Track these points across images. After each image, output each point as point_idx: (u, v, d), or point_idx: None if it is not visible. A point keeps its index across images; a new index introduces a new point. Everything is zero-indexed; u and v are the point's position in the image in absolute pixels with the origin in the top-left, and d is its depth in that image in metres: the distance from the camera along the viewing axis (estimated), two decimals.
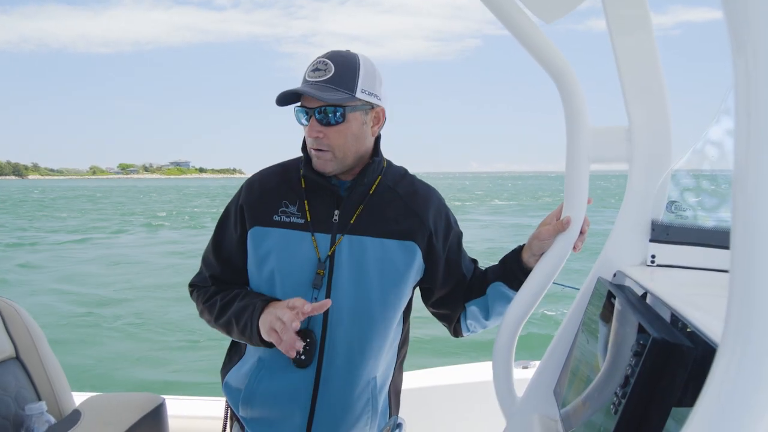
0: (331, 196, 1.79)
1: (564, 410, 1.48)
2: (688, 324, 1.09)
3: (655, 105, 1.62)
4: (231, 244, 1.84)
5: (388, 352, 1.88)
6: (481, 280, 1.90)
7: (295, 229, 1.77)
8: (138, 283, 15.58)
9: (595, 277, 1.68)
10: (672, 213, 1.65)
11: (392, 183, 1.88)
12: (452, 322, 1.96)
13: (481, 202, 54.77)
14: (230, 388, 1.90)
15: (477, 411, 2.87)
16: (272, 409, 1.80)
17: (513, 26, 1.53)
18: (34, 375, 2.11)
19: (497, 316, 1.87)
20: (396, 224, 1.81)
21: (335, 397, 1.79)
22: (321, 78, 1.68)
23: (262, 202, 1.80)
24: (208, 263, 1.91)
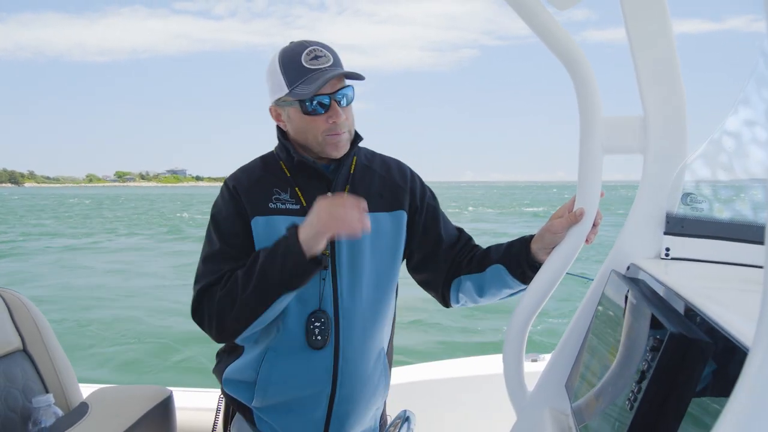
0: (321, 179, 1.82)
1: (576, 404, 1.46)
2: (705, 318, 1.07)
3: (671, 94, 1.59)
4: (238, 237, 1.79)
5: (388, 320, 1.94)
6: (481, 256, 1.91)
7: (294, 215, 1.77)
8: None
9: (608, 270, 1.65)
10: (687, 205, 1.62)
11: (366, 162, 1.95)
12: (438, 288, 1.97)
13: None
14: (235, 382, 1.87)
15: (487, 404, 2.85)
16: (292, 392, 1.80)
17: (526, 13, 1.50)
18: (42, 367, 2.11)
19: (490, 297, 1.91)
20: (382, 197, 1.89)
21: (355, 373, 1.82)
22: (330, 63, 1.73)
23: (254, 193, 1.80)
24: (215, 266, 1.77)
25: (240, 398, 1.88)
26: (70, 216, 51.61)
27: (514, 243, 1.87)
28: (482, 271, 1.88)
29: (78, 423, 1.86)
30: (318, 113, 1.72)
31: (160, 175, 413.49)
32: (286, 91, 1.72)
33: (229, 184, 1.84)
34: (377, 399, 1.92)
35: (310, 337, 1.76)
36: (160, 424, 2.07)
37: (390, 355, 2.01)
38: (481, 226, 33.76)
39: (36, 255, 23.01)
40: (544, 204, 63.92)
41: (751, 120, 1.43)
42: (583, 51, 1.56)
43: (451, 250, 1.95)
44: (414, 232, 1.94)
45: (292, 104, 1.74)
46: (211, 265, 1.78)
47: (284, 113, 1.80)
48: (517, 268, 1.82)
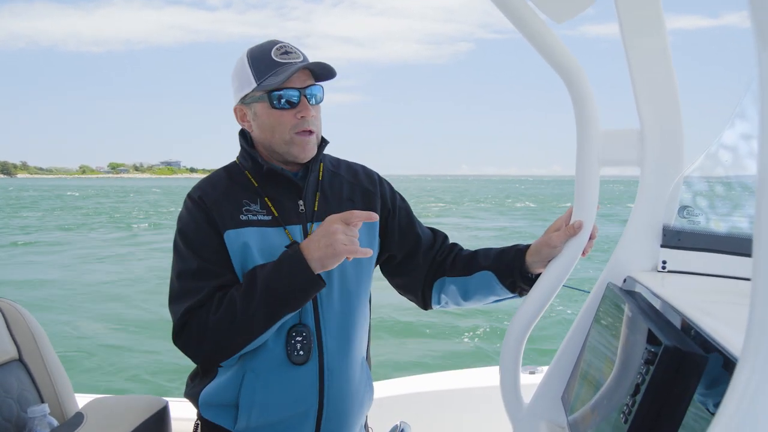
0: (291, 187, 1.78)
1: (572, 417, 1.45)
2: (700, 332, 1.06)
3: (668, 107, 1.59)
4: (213, 251, 1.70)
5: (365, 329, 1.89)
6: (468, 259, 1.89)
7: (266, 226, 1.73)
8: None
9: (604, 282, 1.65)
10: (684, 218, 1.63)
11: (333, 168, 1.91)
12: (417, 290, 1.94)
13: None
14: (213, 406, 1.77)
15: (483, 416, 2.84)
16: (278, 413, 1.73)
17: (523, 26, 1.51)
18: (37, 377, 2.10)
19: (475, 302, 1.89)
20: (353, 203, 1.85)
21: (342, 387, 1.77)
22: (299, 60, 1.71)
23: (224, 206, 1.73)
24: (195, 284, 1.68)
25: (221, 423, 1.77)
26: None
27: (506, 251, 1.85)
28: (469, 275, 1.86)
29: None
30: (286, 108, 1.69)
31: (155, 166, 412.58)
32: (254, 85, 1.69)
33: (194, 195, 1.76)
34: (363, 411, 1.87)
35: (291, 353, 1.69)
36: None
37: (369, 363, 1.97)
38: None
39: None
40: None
41: (747, 133, 1.43)
42: (580, 65, 1.57)
43: (430, 251, 1.93)
44: (390, 235, 1.91)
45: (260, 99, 1.71)
46: (188, 283, 1.69)
47: (250, 112, 1.75)
48: (508, 277, 1.80)
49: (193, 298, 1.66)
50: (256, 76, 1.69)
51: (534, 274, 1.78)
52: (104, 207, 54.70)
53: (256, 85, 1.69)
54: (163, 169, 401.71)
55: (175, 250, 1.75)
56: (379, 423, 2.04)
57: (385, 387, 2.97)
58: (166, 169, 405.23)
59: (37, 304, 12.31)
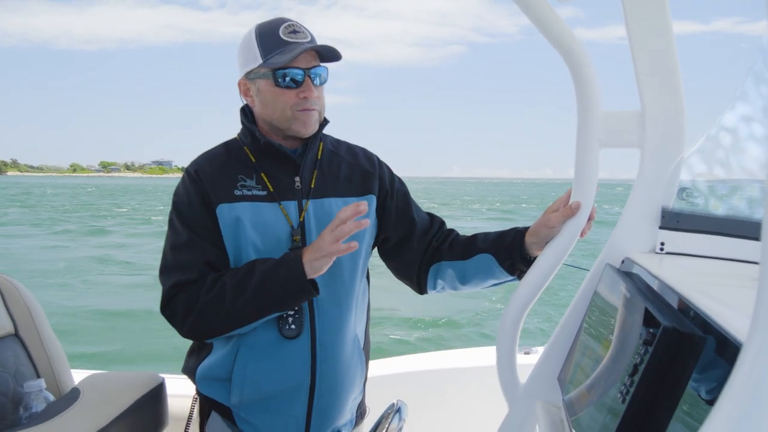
0: (288, 164, 1.79)
1: (568, 397, 1.46)
2: (699, 313, 1.07)
3: (669, 89, 1.58)
4: (205, 227, 1.74)
5: (360, 307, 1.90)
6: (466, 243, 1.89)
7: (260, 201, 1.75)
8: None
9: (602, 263, 1.66)
10: (683, 200, 1.63)
11: (333, 148, 1.93)
12: (412, 274, 1.95)
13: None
14: (209, 379, 1.82)
15: (479, 396, 2.86)
16: (270, 387, 1.76)
17: (527, 6, 1.50)
18: (33, 352, 2.10)
19: (473, 285, 1.89)
20: (351, 182, 1.87)
21: (334, 362, 1.78)
22: (307, 40, 1.72)
23: (219, 180, 1.75)
24: (186, 256, 1.73)
25: (216, 397, 1.82)
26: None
27: (505, 234, 1.85)
28: (467, 258, 1.86)
29: (69, 408, 1.85)
30: (290, 87, 1.70)
31: (146, 165, 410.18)
32: (260, 62, 1.70)
33: (191, 170, 1.79)
34: (355, 388, 1.89)
35: (283, 327, 1.72)
36: (152, 410, 2.06)
37: (367, 344, 1.98)
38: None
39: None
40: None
41: (748, 116, 1.43)
42: (583, 44, 1.55)
43: (426, 235, 1.94)
44: (386, 217, 1.92)
45: (265, 76, 1.71)
46: (180, 256, 1.74)
47: (254, 87, 1.76)
48: (507, 259, 1.81)
49: (182, 272, 1.72)
50: (262, 52, 1.70)
51: (533, 256, 1.78)
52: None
53: (262, 61, 1.70)
54: (155, 169, 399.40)
55: (170, 223, 1.79)
56: (375, 401, 2.05)
57: (381, 365, 2.98)
58: (158, 169, 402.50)
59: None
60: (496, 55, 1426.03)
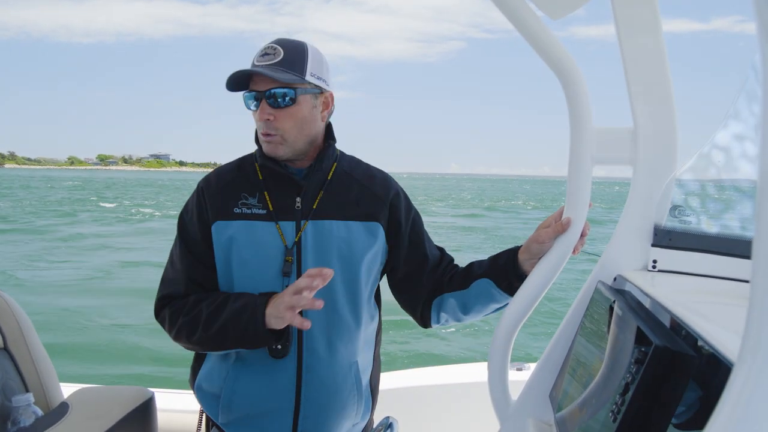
0: (291, 184, 1.79)
1: (560, 414, 1.45)
2: (690, 331, 1.07)
3: (661, 107, 1.59)
4: (197, 243, 1.79)
5: (364, 335, 1.87)
6: (463, 273, 1.87)
7: (258, 220, 1.75)
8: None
9: (594, 280, 1.65)
10: (675, 218, 1.63)
11: (348, 169, 1.90)
12: (417, 308, 1.93)
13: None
14: (204, 392, 1.84)
15: (471, 412, 2.85)
16: (255, 406, 1.76)
17: (517, 21, 1.50)
18: (22, 366, 2.08)
19: (476, 314, 1.86)
20: (358, 207, 1.83)
21: (320, 384, 1.76)
22: (270, 61, 1.70)
23: (221, 197, 1.78)
24: (178, 270, 1.81)
25: (209, 413, 1.85)
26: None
27: (499, 255, 1.84)
28: (466, 287, 1.83)
29: (57, 423, 1.84)
30: (251, 110, 1.74)
31: (143, 159, 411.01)
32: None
33: (200, 185, 1.84)
34: (348, 413, 1.84)
35: (270, 346, 1.71)
36: (142, 425, 2.05)
37: (375, 371, 1.95)
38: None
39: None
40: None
41: (740, 135, 1.44)
42: (575, 60, 1.56)
43: (435, 272, 1.91)
44: (397, 248, 1.89)
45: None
46: (175, 272, 1.82)
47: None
48: (503, 280, 1.78)
49: (171, 286, 1.81)
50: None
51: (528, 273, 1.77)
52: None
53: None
54: (152, 162, 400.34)
55: (177, 233, 1.86)
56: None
57: None
58: (155, 162, 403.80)
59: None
60: (494, 51, 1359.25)
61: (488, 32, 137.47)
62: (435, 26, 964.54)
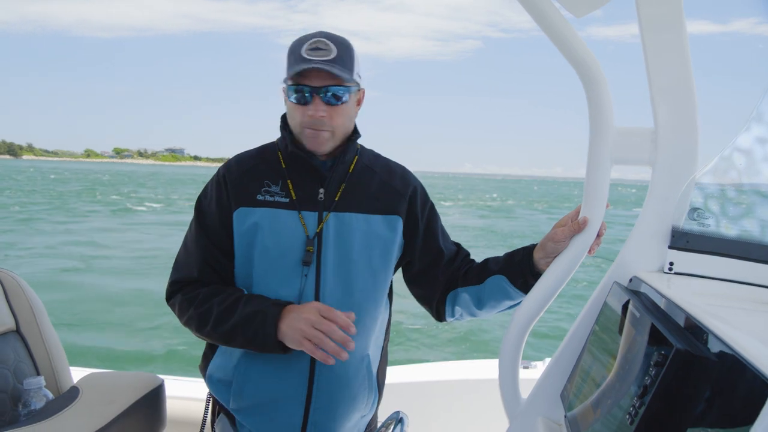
0: (315, 174, 1.79)
1: (571, 414, 1.45)
2: (710, 335, 1.06)
3: (683, 107, 1.58)
4: (215, 228, 1.78)
5: (377, 329, 1.88)
6: (479, 268, 1.88)
7: (281, 208, 1.75)
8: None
9: (610, 281, 1.64)
10: (694, 220, 1.62)
11: (368, 162, 1.91)
12: (432, 302, 1.94)
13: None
14: (214, 380, 1.85)
15: (480, 409, 2.84)
16: (266, 394, 1.76)
17: (542, 18, 1.49)
18: (34, 349, 2.09)
19: (489, 309, 1.88)
20: (378, 200, 1.85)
21: (333, 374, 1.77)
22: (326, 57, 1.69)
23: (244, 183, 1.78)
24: (191, 254, 1.81)
25: (220, 399, 1.85)
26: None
27: (515, 252, 1.85)
28: (481, 282, 1.85)
29: (68, 407, 1.84)
30: (300, 104, 1.71)
31: (159, 153, 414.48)
32: (285, 76, 1.72)
33: (220, 171, 1.83)
34: (358, 405, 1.85)
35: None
36: (151, 412, 2.05)
37: (382, 364, 1.96)
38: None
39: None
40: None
41: (763, 138, 1.42)
42: (597, 60, 1.55)
43: (450, 266, 1.92)
44: (413, 242, 1.90)
45: (287, 89, 1.73)
46: (187, 255, 1.83)
47: (285, 97, 1.78)
48: (519, 277, 1.79)
49: (184, 271, 1.82)
50: (288, 66, 1.71)
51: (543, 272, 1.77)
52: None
53: (286, 75, 1.71)
54: (167, 156, 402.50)
55: (193, 217, 1.85)
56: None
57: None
58: (170, 156, 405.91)
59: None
60: (510, 51, 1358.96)
61: (504, 32, 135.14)
62: (451, 25, 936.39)
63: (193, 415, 2.58)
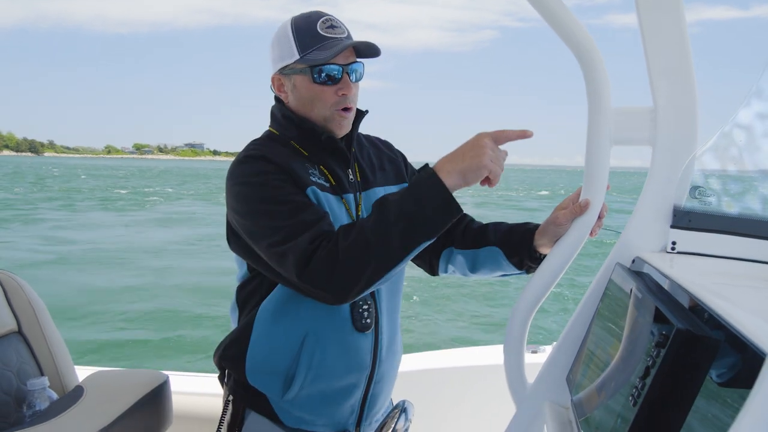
0: (341, 156, 1.76)
1: (577, 398, 1.44)
2: (713, 314, 1.04)
3: (682, 86, 1.56)
4: (297, 191, 1.61)
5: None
6: (478, 233, 1.89)
7: (328, 192, 1.70)
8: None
9: (612, 262, 1.63)
10: (695, 199, 1.60)
11: (358, 138, 1.91)
12: (424, 256, 1.96)
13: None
14: (260, 373, 1.71)
15: (486, 395, 2.84)
16: (335, 379, 1.70)
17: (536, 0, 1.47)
18: (37, 350, 2.09)
19: (482, 274, 1.91)
20: (384, 171, 1.88)
21: (389, 352, 1.80)
22: (344, 35, 1.69)
23: (293, 166, 1.63)
24: (311, 214, 1.56)
25: (267, 392, 1.72)
26: None
27: (515, 229, 1.84)
28: (477, 248, 1.87)
29: (72, 407, 1.85)
30: (327, 84, 1.66)
31: (178, 148, 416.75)
32: (297, 57, 1.65)
33: (258, 154, 1.63)
34: (397, 371, 1.91)
35: (358, 320, 1.69)
36: (156, 409, 2.06)
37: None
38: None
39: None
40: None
41: (763, 113, 1.40)
42: (593, 39, 1.53)
43: None
44: None
45: (302, 72, 1.67)
46: (302, 216, 1.55)
47: (289, 83, 1.71)
48: (515, 255, 1.81)
49: (315, 225, 1.54)
50: (299, 47, 1.65)
51: (541, 254, 1.77)
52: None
53: (299, 57, 1.65)
54: (187, 151, 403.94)
55: (269, 195, 1.59)
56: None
57: None
58: (190, 151, 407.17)
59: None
60: (528, 40, 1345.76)
61: (522, 21, 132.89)
62: (467, 15, 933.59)
63: (199, 410, 2.58)
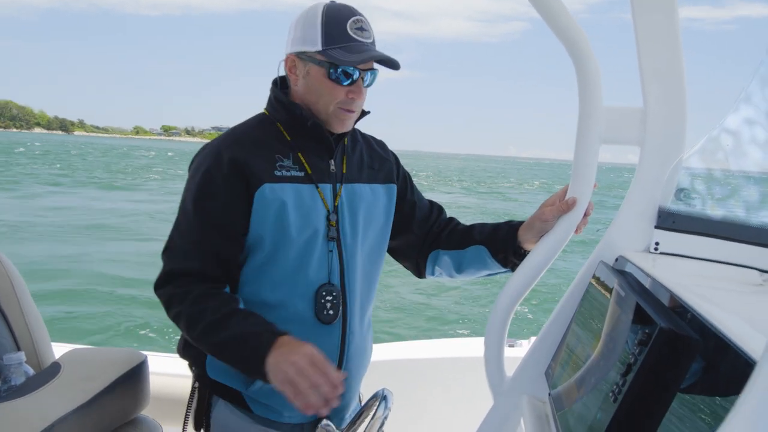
0: (325, 146, 1.75)
1: (555, 392, 1.46)
2: (695, 315, 1.06)
3: (673, 88, 1.57)
4: (226, 214, 1.65)
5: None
6: (463, 234, 1.91)
7: (299, 183, 1.69)
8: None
9: (596, 260, 1.65)
10: (680, 201, 1.62)
11: (353, 134, 1.91)
12: (412, 257, 1.98)
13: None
14: (223, 370, 1.71)
15: (465, 387, 2.86)
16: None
17: None
18: (14, 324, 2.06)
19: (468, 275, 1.92)
20: (373, 170, 1.87)
21: (357, 348, 1.79)
22: (370, 41, 1.68)
23: (257, 158, 1.66)
24: (194, 242, 1.65)
25: (232, 384, 1.73)
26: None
27: (500, 226, 1.86)
28: (463, 248, 1.88)
29: (49, 383, 1.83)
30: (341, 83, 1.64)
31: (205, 131, 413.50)
32: (319, 49, 1.63)
33: (224, 156, 1.65)
34: (367, 367, 1.90)
35: (320, 312, 1.69)
36: (134, 388, 2.04)
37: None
38: None
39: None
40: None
41: (751, 119, 1.42)
42: (587, 36, 1.54)
43: (426, 221, 1.96)
44: (399, 204, 1.93)
45: (319, 64, 1.64)
46: (187, 244, 1.66)
47: (303, 68, 1.68)
48: (500, 252, 1.82)
49: (182, 263, 1.65)
50: (324, 40, 1.63)
51: (526, 250, 1.78)
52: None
53: (321, 49, 1.63)
54: (213, 134, 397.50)
55: (184, 202, 1.69)
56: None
57: None
58: (216, 134, 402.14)
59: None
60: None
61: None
62: (497, 5, 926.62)
63: (177, 391, 2.57)
